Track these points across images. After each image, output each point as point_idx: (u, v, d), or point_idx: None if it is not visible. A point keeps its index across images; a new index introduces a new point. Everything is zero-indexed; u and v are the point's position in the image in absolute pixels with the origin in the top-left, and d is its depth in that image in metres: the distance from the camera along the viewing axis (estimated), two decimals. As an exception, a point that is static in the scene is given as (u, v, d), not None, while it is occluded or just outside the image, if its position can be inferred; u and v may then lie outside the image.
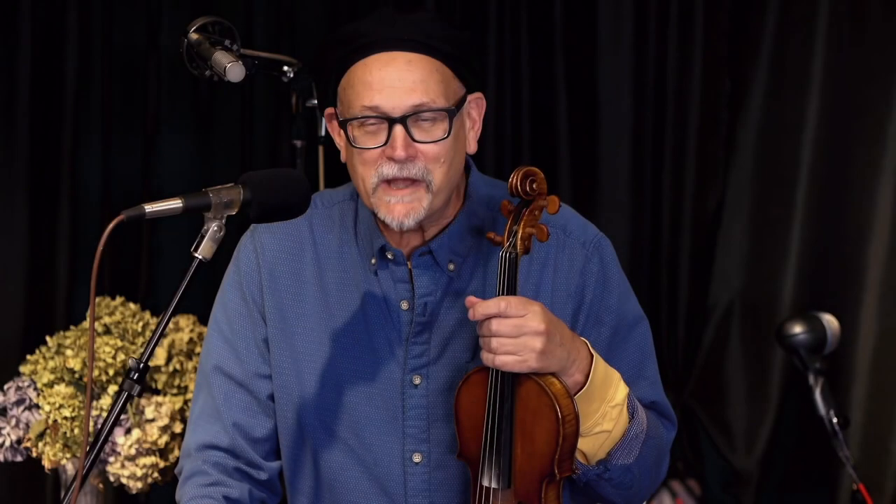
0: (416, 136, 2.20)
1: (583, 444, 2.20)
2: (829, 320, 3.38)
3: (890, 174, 3.85)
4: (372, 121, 2.20)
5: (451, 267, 2.31)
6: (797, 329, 3.35)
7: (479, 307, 2.12)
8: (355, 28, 2.23)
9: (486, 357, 2.13)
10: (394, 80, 2.19)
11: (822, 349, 3.36)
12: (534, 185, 2.18)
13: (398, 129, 2.19)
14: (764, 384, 3.99)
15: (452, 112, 2.22)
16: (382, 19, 2.23)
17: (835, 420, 3.29)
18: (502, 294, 2.14)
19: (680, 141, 4.05)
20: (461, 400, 2.21)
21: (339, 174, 2.53)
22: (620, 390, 2.21)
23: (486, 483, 2.18)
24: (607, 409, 2.19)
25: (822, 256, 3.95)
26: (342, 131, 2.27)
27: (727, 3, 4.01)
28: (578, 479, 2.25)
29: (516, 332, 2.11)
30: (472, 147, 2.31)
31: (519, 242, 2.16)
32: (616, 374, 2.22)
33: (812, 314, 3.40)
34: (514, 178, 2.17)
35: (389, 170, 2.20)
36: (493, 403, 2.16)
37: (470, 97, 2.28)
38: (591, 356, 2.18)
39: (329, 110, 2.31)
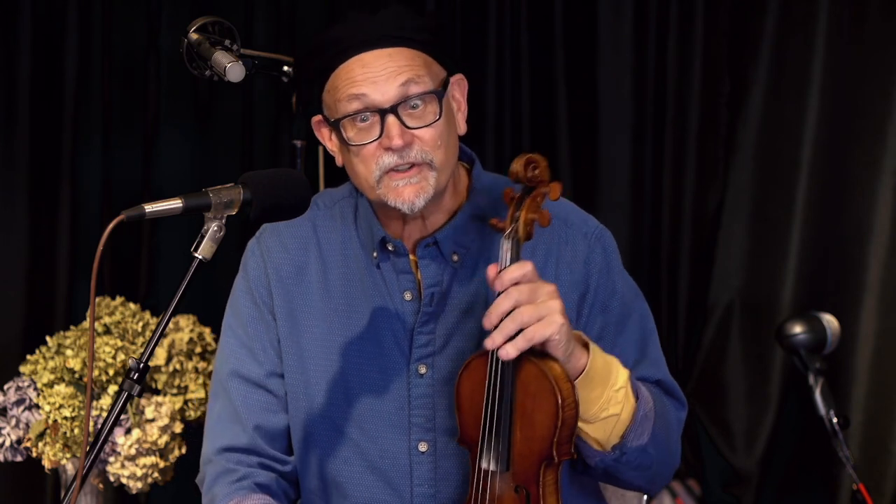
0: (409, 122, 2.23)
1: (594, 431, 2.21)
2: (829, 320, 3.37)
3: (890, 174, 3.85)
4: (363, 115, 2.22)
5: (455, 258, 2.32)
6: (797, 329, 3.35)
7: (506, 274, 2.11)
8: (329, 36, 2.26)
9: (509, 328, 2.10)
10: (378, 70, 2.23)
11: (822, 349, 3.36)
12: (536, 172, 2.18)
13: (391, 119, 2.21)
14: (764, 384, 3.99)
15: (440, 93, 2.25)
16: (355, 22, 2.26)
17: (835, 420, 3.29)
18: None
19: (680, 141, 4.05)
20: (462, 386, 2.21)
21: (340, 174, 2.53)
22: (621, 374, 2.22)
23: (485, 465, 2.18)
24: (611, 394, 2.20)
25: (822, 256, 3.94)
26: (333, 136, 2.30)
27: (727, 3, 4.01)
28: (597, 465, 2.26)
29: (533, 296, 2.11)
30: (461, 128, 2.33)
31: (521, 227, 2.16)
32: (615, 359, 2.23)
33: (812, 314, 3.40)
34: (517, 165, 2.18)
35: (389, 159, 2.23)
36: (493, 386, 2.16)
37: (452, 79, 2.31)
38: (587, 344, 2.19)
39: (316, 118, 2.33)
